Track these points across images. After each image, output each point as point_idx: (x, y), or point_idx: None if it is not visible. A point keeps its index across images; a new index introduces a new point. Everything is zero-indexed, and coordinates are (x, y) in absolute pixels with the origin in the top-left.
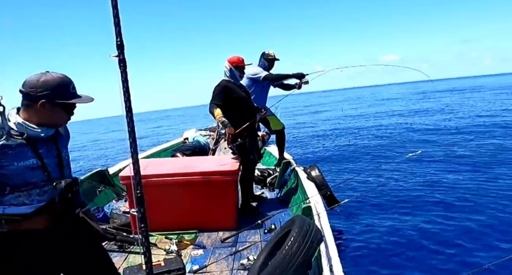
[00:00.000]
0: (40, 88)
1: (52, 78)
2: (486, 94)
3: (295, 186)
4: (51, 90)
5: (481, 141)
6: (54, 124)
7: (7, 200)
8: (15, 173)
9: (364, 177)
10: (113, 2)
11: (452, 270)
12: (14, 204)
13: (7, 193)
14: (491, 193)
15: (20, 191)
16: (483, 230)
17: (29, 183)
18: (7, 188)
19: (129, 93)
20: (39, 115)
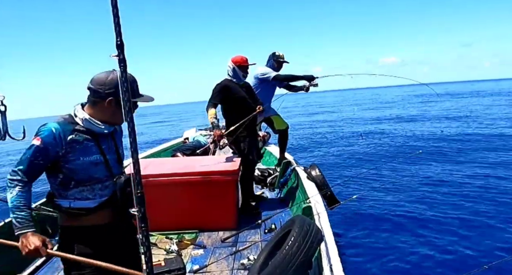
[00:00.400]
0: (107, 86)
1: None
2: (484, 99)
3: (296, 186)
4: (114, 89)
5: (481, 141)
6: (116, 122)
7: (71, 194)
8: (80, 167)
9: (364, 176)
10: (113, 1)
11: (452, 270)
12: (78, 198)
13: (72, 187)
14: (492, 193)
15: (84, 186)
16: (483, 230)
17: (92, 178)
18: (72, 182)
19: (129, 93)
20: (104, 112)
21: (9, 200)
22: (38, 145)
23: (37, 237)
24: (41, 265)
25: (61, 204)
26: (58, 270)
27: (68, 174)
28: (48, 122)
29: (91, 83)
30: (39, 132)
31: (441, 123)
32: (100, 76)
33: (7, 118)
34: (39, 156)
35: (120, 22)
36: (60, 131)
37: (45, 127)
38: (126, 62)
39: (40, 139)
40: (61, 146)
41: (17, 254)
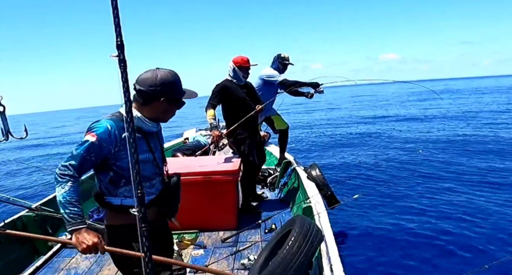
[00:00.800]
0: (159, 87)
1: (167, 76)
2: (485, 96)
3: (296, 186)
4: (169, 88)
5: (482, 139)
6: (164, 120)
7: (121, 192)
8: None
9: (364, 176)
10: (113, 2)
11: (452, 269)
12: (128, 196)
13: (122, 185)
14: (492, 192)
15: None
16: (484, 230)
17: (141, 176)
18: (122, 180)
19: (130, 93)
20: (154, 111)
21: (60, 195)
22: (93, 141)
23: (92, 233)
24: (41, 265)
25: (112, 202)
26: (58, 271)
27: (119, 172)
28: (103, 119)
29: (140, 85)
30: (93, 129)
31: (441, 121)
32: (149, 76)
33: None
34: (92, 152)
35: (120, 22)
36: (115, 128)
37: (99, 124)
38: (126, 63)
39: (96, 135)
40: (115, 144)
41: (17, 254)
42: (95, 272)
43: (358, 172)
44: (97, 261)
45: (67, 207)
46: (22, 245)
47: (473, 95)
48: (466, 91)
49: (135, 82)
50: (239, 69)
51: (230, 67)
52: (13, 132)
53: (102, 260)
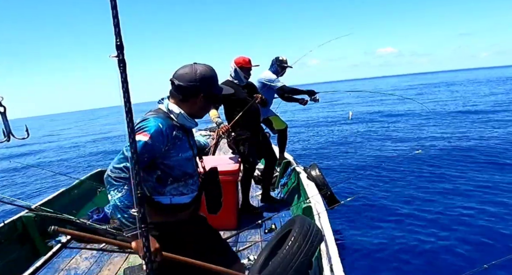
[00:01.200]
0: (199, 82)
1: (206, 71)
2: (483, 87)
3: (296, 186)
4: (207, 83)
5: (482, 137)
6: (201, 116)
7: (168, 190)
8: (177, 164)
9: (364, 176)
10: (113, 2)
11: (452, 269)
12: (174, 194)
13: (169, 184)
14: (491, 192)
15: (180, 181)
16: (484, 230)
17: (186, 173)
18: (169, 179)
19: (129, 93)
20: (192, 107)
21: (117, 199)
22: (146, 141)
23: (152, 238)
24: (41, 266)
25: (162, 201)
26: (58, 271)
27: (166, 170)
28: (151, 117)
29: (179, 80)
30: (145, 128)
31: (440, 119)
32: (187, 71)
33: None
34: (145, 152)
35: (119, 23)
36: (166, 127)
37: (150, 123)
38: (126, 63)
39: (149, 134)
40: (166, 142)
41: (17, 254)
42: (95, 273)
43: (358, 172)
44: (97, 261)
45: (126, 211)
46: (22, 245)
47: (472, 87)
48: (468, 83)
49: (173, 78)
50: (240, 69)
51: (231, 68)
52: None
53: (102, 261)
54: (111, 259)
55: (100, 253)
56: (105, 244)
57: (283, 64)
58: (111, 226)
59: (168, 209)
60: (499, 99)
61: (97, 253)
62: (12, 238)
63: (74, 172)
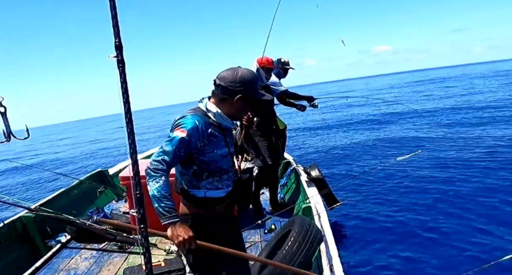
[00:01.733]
0: (238, 83)
1: (247, 75)
2: (479, 81)
3: (295, 186)
4: (247, 86)
5: (482, 136)
6: (239, 118)
7: (203, 184)
8: (212, 159)
9: (364, 176)
10: (112, 2)
11: (452, 269)
12: (209, 189)
13: (204, 178)
14: (491, 192)
15: (215, 176)
16: (484, 229)
17: (221, 169)
18: (204, 174)
19: (128, 94)
20: (231, 108)
21: (155, 190)
22: (183, 137)
23: (186, 227)
24: (41, 266)
25: (196, 194)
26: (57, 271)
27: (201, 166)
28: (189, 115)
29: (220, 80)
30: (182, 125)
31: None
32: (229, 73)
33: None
34: (182, 148)
35: (118, 23)
36: (203, 124)
37: (187, 120)
38: (125, 63)
39: (186, 131)
40: (202, 139)
41: (17, 254)
42: (95, 273)
43: (358, 172)
44: (96, 261)
45: (163, 200)
46: (22, 245)
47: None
48: (463, 78)
49: (216, 78)
50: (262, 70)
51: (253, 67)
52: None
53: (101, 261)
54: (110, 259)
55: (99, 253)
56: (105, 244)
57: (285, 66)
58: (111, 226)
59: (202, 202)
60: (495, 96)
61: (97, 253)
62: (12, 238)
63: (73, 171)
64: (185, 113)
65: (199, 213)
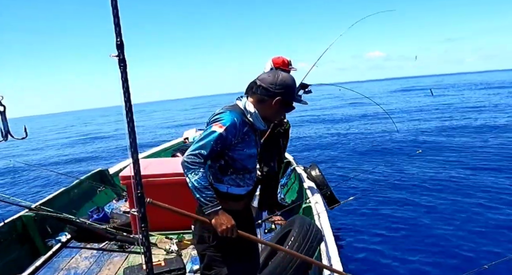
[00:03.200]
0: (278, 86)
1: (287, 78)
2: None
3: (295, 186)
4: (287, 89)
5: (482, 137)
6: (273, 120)
7: (226, 179)
8: (240, 158)
9: (364, 176)
10: (113, 2)
11: (452, 269)
12: (231, 185)
13: (229, 174)
14: (491, 192)
15: (239, 174)
16: (483, 230)
17: (245, 168)
18: (230, 169)
19: (129, 93)
20: (267, 109)
21: (195, 181)
22: (221, 133)
23: (228, 216)
24: (41, 265)
25: (219, 188)
26: (57, 271)
27: (229, 162)
28: (228, 111)
29: (262, 81)
30: (221, 120)
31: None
32: (270, 75)
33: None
34: (219, 143)
35: (120, 22)
36: (241, 122)
37: (226, 116)
38: (126, 62)
39: (225, 127)
40: (237, 136)
41: (17, 254)
42: (95, 272)
43: (358, 172)
44: (96, 261)
45: (204, 191)
46: (22, 245)
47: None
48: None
49: (257, 79)
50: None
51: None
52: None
53: (101, 260)
54: (111, 259)
55: (100, 252)
56: (105, 243)
57: (289, 66)
58: (111, 225)
59: (224, 197)
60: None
61: (97, 253)
62: (12, 238)
63: (73, 171)
64: (224, 108)
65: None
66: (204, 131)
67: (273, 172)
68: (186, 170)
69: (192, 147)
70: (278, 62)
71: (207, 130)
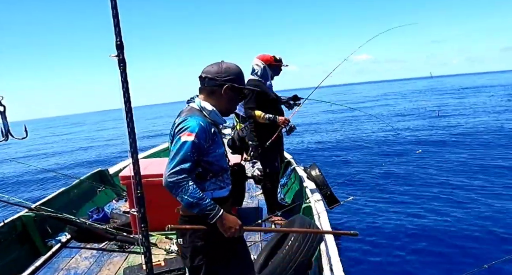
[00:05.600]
0: (224, 74)
1: (232, 65)
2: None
3: (295, 186)
4: (233, 75)
5: (482, 137)
6: (230, 110)
7: (208, 185)
8: (215, 159)
9: (364, 176)
10: (113, 2)
11: (452, 269)
12: (214, 189)
13: (208, 179)
14: (491, 192)
15: (218, 176)
16: (484, 230)
17: (222, 168)
18: (209, 174)
19: (129, 93)
20: (220, 102)
21: (189, 198)
22: (193, 141)
23: (232, 216)
24: (41, 265)
25: None
26: (57, 271)
27: (206, 167)
28: (188, 117)
29: (207, 73)
30: (187, 128)
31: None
32: (214, 65)
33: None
34: (195, 152)
35: (119, 22)
36: (207, 124)
37: (192, 122)
38: (126, 62)
39: (194, 134)
40: (208, 139)
41: (17, 254)
42: (95, 272)
43: (358, 172)
44: (96, 261)
45: (201, 203)
46: (22, 245)
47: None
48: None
49: (202, 73)
50: (269, 67)
51: (258, 66)
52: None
53: (101, 261)
54: (110, 259)
55: (99, 253)
56: (105, 243)
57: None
58: (111, 225)
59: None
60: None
61: (97, 253)
62: (12, 238)
63: (73, 171)
64: (184, 116)
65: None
66: (173, 145)
67: (277, 172)
68: (174, 190)
69: (169, 165)
70: (267, 59)
71: (177, 143)
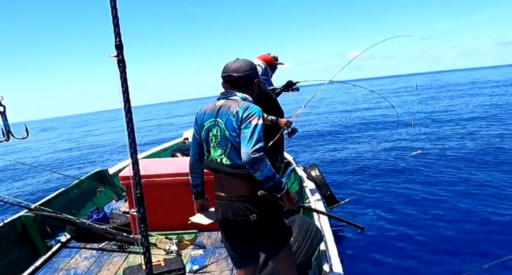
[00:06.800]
0: (252, 70)
1: (250, 62)
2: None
3: (295, 186)
4: (256, 70)
5: (482, 136)
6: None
7: None
8: None
9: (364, 176)
10: (112, 2)
11: (452, 269)
12: None
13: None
14: (490, 191)
15: None
16: (484, 229)
17: None
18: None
19: (129, 93)
20: (250, 94)
21: (268, 170)
22: (262, 123)
23: (290, 192)
24: (41, 265)
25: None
26: (57, 271)
27: None
28: (250, 104)
29: (237, 72)
30: (255, 113)
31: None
32: (239, 64)
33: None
34: (262, 133)
35: (119, 23)
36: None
37: (257, 109)
38: (125, 63)
39: (261, 118)
40: None
41: (17, 254)
42: (95, 272)
43: (358, 172)
44: (96, 261)
45: (276, 177)
46: (22, 245)
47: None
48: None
49: (229, 73)
50: (270, 67)
51: (259, 66)
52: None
53: (101, 261)
54: (110, 259)
55: (99, 253)
56: (104, 243)
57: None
58: (111, 225)
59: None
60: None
61: (97, 253)
62: (12, 238)
63: (73, 171)
64: (243, 103)
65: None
66: (246, 129)
67: (277, 171)
68: (257, 164)
69: (249, 144)
70: (268, 58)
71: (249, 126)
